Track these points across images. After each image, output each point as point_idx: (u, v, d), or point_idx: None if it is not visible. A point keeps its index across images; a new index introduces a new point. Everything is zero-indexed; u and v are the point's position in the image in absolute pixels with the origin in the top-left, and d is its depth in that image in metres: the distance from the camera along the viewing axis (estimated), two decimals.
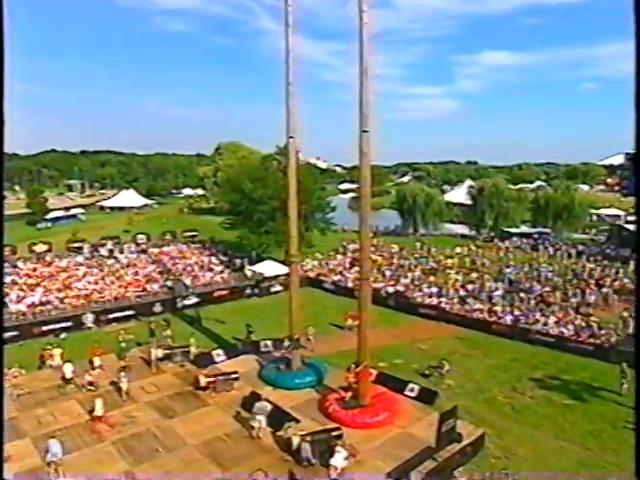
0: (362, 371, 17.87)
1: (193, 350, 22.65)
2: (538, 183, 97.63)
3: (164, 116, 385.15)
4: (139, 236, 38.22)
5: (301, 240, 39.48)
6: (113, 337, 25.02)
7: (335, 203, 52.47)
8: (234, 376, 19.93)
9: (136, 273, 34.07)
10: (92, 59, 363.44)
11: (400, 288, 35.00)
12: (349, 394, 18.26)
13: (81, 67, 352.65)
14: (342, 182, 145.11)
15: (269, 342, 24.13)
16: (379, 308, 28.65)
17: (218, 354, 22.94)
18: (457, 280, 36.08)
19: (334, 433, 15.77)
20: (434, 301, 32.12)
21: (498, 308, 29.62)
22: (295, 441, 15.21)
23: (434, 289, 34.07)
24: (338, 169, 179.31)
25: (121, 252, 36.12)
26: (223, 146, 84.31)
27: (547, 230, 54.00)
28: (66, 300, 29.32)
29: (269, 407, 16.98)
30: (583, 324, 25.94)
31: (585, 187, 75.52)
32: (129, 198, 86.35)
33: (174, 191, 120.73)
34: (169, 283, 33.30)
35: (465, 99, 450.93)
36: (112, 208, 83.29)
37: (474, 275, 37.45)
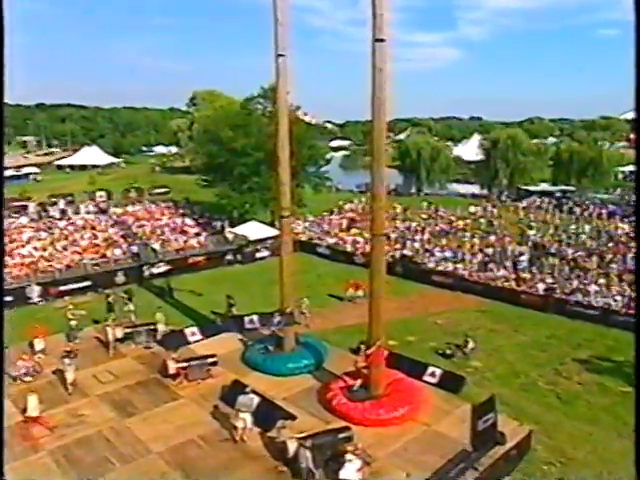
0: (375, 352, 15.22)
1: (160, 328, 19.90)
2: (552, 140, 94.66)
3: (132, 66, 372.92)
4: (98, 193, 34.93)
5: (291, 198, 36.66)
6: (64, 313, 22.12)
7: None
8: (211, 360, 17.47)
9: (94, 237, 31.02)
10: None
11: (408, 252, 32.46)
12: (358, 381, 15.68)
13: (35, 8, 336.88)
14: (333, 139, 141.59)
15: (255, 317, 21.24)
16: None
17: (192, 332, 20.02)
18: (474, 243, 33.63)
19: (342, 435, 13.21)
20: (449, 267, 29.61)
21: (526, 275, 27.21)
22: (291, 446, 12.62)
23: (448, 253, 31.56)
24: (329, 126, 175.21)
25: (76, 212, 32.91)
26: (199, 95, 79.93)
27: (570, 188, 51.54)
28: (6, 270, 26.18)
29: (256, 400, 14.35)
30: (633, 294, 23.48)
31: (605, 143, 72.77)
32: (92, 156, 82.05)
33: (145, 149, 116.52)
34: (134, 248, 30.47)
35: (468, 47, 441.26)
36: (72, 167, 79.11)
37: (492, 238, 35.07)
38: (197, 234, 33.87)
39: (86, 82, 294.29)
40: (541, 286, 25.71)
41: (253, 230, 35.33)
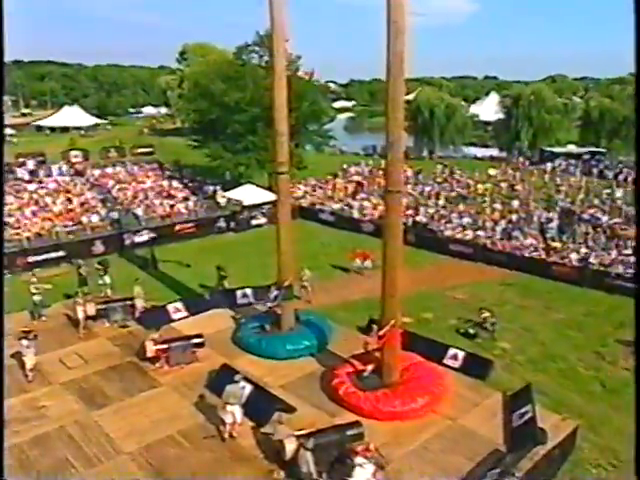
0: (389, 332, 13.59)
1: (138, 303, 18.30)
2: (577, 100, 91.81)
3: (118, 20, 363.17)
4: (73, 153, 32.95)
5: (290, 159, 34.76)
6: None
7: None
8: (197, 341, 15.88)
9: (69, 201, 29.25)
10: None
11: (421, 219, 30.78)
12: (369, 367, 14.10)
13: None
14: (336, 100, 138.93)
15: (249, 291, 20.14)
16: None
17: (176, 308, 18.79)
18: (495, 209, 31.93)
19: (351, 431, 11.63)
20: (469, 235, 27.90)
21: (557, 244, 25.49)
22: (289, 446, 11.05)
23: (466, 219, 29.86)
24: (332, 86, 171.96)
25: (48, 175, 31.04)
26: (189, 49, 76.95)
27: (601, 150, 49.40)
28: None
29: (248, 389, 12.80)
30: None
31: None
32: (74, 116, 79.41)
33: (132, 110, 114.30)
34: (114, 214, 28.75)
35: (485, 0, 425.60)
36: (52, 129, 76.67)
37: (515, 203, 33.43)
38: (185, 199, 32.13)
39: (68, 37, 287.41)
40: (574, 256, 24.03)
41: (248, 194, 33.69)
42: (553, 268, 23.71)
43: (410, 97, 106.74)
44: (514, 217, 30.05)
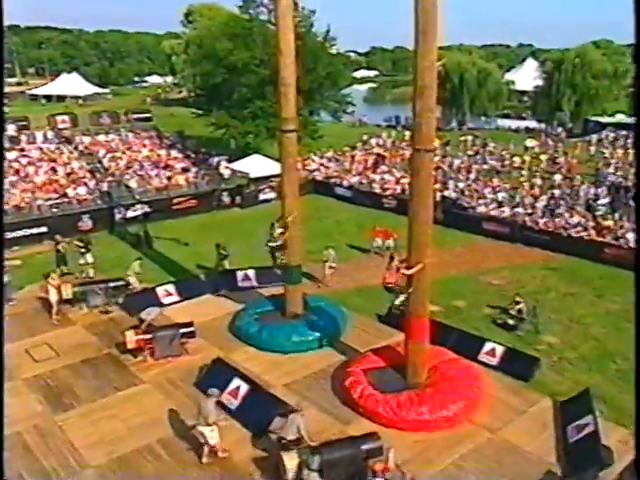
0: (415, 321, 12.02)
1: (133, 282, 17.24)
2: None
3: None
4: (60, 118, 31.52)
5: (303, 127, 33.32)
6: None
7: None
8: (187, 330, 14.45)
9: (54, 171, 27.86)
10: None
11: (450, 194, 28.95)
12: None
13: None
14: (357, 69, 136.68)
15: (251, 272, 18.88)
16: None
17: (166, 292, 17.49)
18: (534, 184, 30.02)
19: (366, 445, 10.01)
20: (505, 212, 26.03)
21: (609, 223, 23.50)
22: (290, 463, 9.47)
23: (502, 194, 27.99)
24: (352, 55, 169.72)
25: (32, 141, 29.69)
26: (195, 10, 75.09)
27: None
28: None
29: (220, 405, 10.96)
30: None
31: None
32: (72, 85, 78.30)
33: (137, 79, 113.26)
34: (104, 186, 27.34)
35: None
36: (49, 98, 75.73)
37: (557, 178, 31.47)
38: (185, 170, 30.59)
39: (67, 1, 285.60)
40: (631, 236, 22.03)
41: (256, 166, 32.45)
42: (605, 250, 21.82)
43: (439, 64, 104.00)
44: (557, 192, 28.11)
